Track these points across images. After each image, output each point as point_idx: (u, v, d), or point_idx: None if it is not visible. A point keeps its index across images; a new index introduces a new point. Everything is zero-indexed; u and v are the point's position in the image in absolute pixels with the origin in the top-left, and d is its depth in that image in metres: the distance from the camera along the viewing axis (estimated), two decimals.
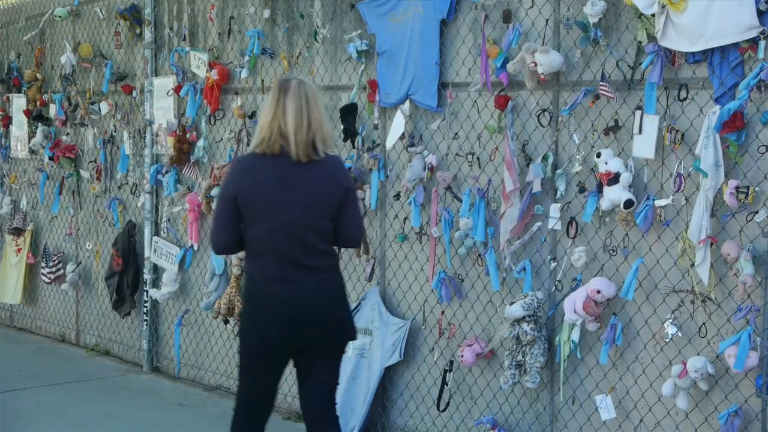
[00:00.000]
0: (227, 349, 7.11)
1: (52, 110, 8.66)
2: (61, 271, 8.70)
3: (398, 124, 5.65)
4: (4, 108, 9.37)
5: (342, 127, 6.00)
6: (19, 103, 9.11)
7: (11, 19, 9.44)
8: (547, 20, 5.00)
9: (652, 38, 4.53)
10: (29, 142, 8.92)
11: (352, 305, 5.97)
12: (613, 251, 4.79)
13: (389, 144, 5.74)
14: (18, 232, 9.18)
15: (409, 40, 5.60)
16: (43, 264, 8.86)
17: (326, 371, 4.42)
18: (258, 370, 4.36)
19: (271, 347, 4.30)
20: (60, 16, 8.49)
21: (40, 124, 8.77)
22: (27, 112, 8.91)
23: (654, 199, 4.56)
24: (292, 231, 4.22)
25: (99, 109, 8.10)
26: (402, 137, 5.70)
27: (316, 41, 6.25)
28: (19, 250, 9.20)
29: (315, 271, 4.28)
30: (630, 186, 4.62)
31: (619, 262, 4.77)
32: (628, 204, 4.59)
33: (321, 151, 4.25)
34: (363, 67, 5.93)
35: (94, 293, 8.44)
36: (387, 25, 5.74)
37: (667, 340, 4.56)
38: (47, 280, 8.80)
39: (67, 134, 8.56)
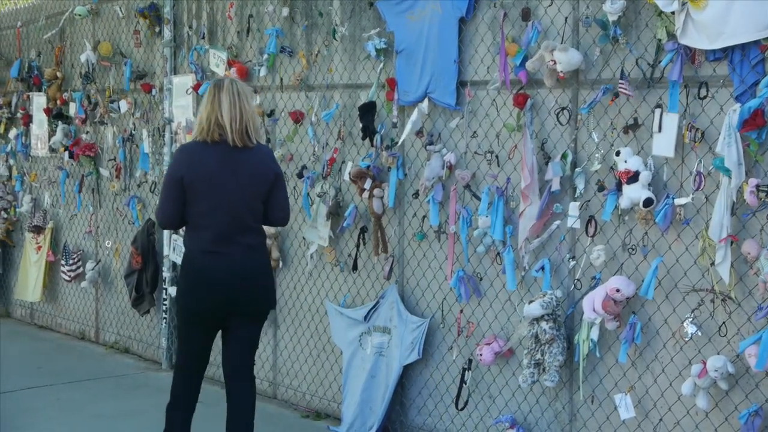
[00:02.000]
0: None
1: (72, 108, 8.70)
2: (81, 268, 8.75)
3: (414, 120, 5.64)
4: (25, 106, 9.42)
5: (361, 125, 6.00)
6: (39, 101, 9.15)
7: (31, 18, 9.49)
8: (566, 18, 4.98)
9: (671, 36, 4.51)
10: (49, 140, 8.97)
11: (371, 304, 6.01)
12: (633, 250, 4.77)
13: (402, 137, 5.72)
14: (38, 230, 9.23)
15: (428, 38, 5.60)
16: (63, 262, 8.90)
17: (248, 335, 5.08)
18: (192, 332, 5.02)
19: (203, 312, 4.93)
20: (80, 15, 8.53)
21: (60, 122, 8.82)
22: (47, 111, 8.95)
23: (674, 198, 4.54)
24: (230, 209, 4.86)
25: (118, 107, 8.13)
26: (420, 134, 5.69)
27: (335, 39, 6.26)
28: (39, 248, 9.25)
29: (245, 247, 4.91)
30: (649, 184, 4.60)
31: (639, 260, 4.75)
32: (648, 202, 4.57)
33: (253, 139, 4.91)
34: (382, 65, 5.92)
35: (114, 291, 8.48)
36: (405, 23, 5.73)
37: (687, 339, 4.54)
38: (67, 278, 8.85)
39: (87, 132, 8.60)
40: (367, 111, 5.98)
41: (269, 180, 4.96)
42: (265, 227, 5.01)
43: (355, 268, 6.19)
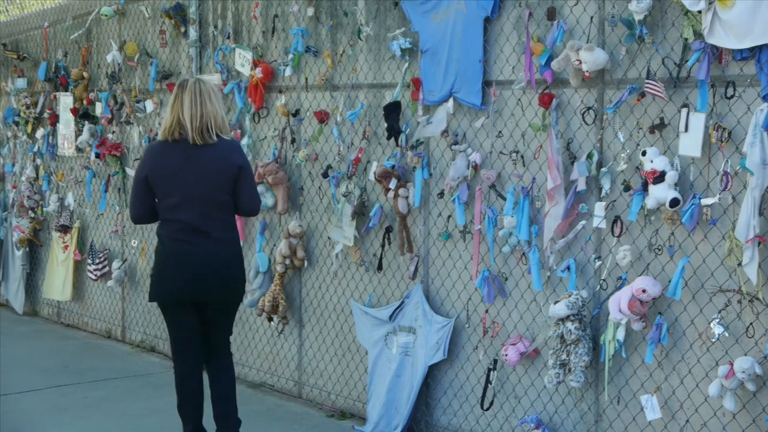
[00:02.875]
0: (271, 347, 7.14)
1: (99, 108, 8.75)
2: (107, 268, 8.80)
3: (440, 119, 5.63)
4: (52, 106, 9.48)
5: (386, 125, 6.00)
6: (66, 101, 9.21)
7: (58, 19, 9.54)
8: (591, 17, 4.97)
9: (698, 35, 4.48)
10: (76, 140, 9.02)
11: (396, 303, 6.01)
12: (659, 250, 4.75)
13: (426, 133, 5.71)
14: (65, 229, 9.29)
15: (453, 38, 5.59)
16: (89, 261, 8.96)
17: (220, 322, 5.41)
18: (175, 314, 5.30)
19: (178, 296, 5.23)
20: (106, 15, 8.57)
21: (86, 122, 8.87)
22: (74, 111, 9.01)
23: (700, 198, 4.51)
24: (195, 204, 5.14)
25: (144, 107, 8.17)
26: (445, 134, 5.69)
27: (360, 39, 6.26)
28: (66, 247, 9.31)
29: (212, 238, 5.18)
30: (676, 184, 4.57)
31: (665, 261, 4.73)
32: (674, 203, 4.54)
33: (214, 136, 5.15)
34: (407, 65, 5.92)
35: (140, 290, 8.52)
36: (430, 22, 5.73)
37: (714, 340, 4.51)
38: (93, 277, 8.90)
39: (113, 132, 8.64)
40: (392, 111, 5.98)
41: (232, 173, 5.20)
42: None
43: (380, 267, 6.19)
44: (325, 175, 6.48)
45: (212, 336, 5.40)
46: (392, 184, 5.91)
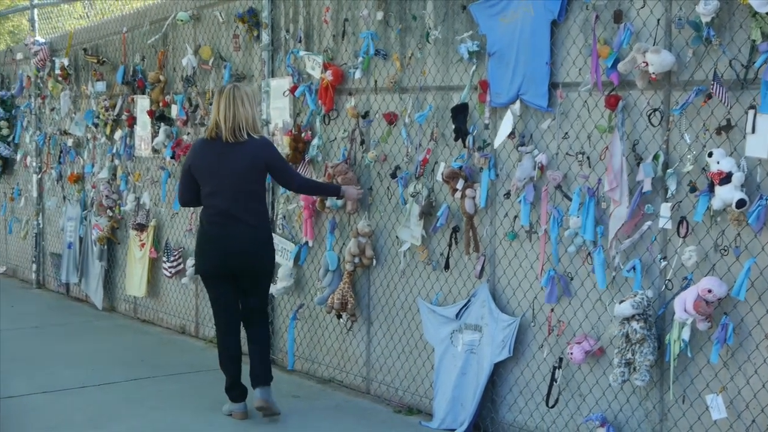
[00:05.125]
0: (340, 343, 7.25)
1: (174, 111, 8.93)
2: (182, 265, 8.98)
3: (506, 124, 5.70)
4: (130, 109, 9.70)
5: (453, 126, 6.08)
6: (143, 104, 9.42)
7: (136, 24, 9.76)
8: (658, 20, 5.00)
9: (766, 37, 4.49)
10: (152, 141, 9.22)
11: (463, 302, 6.08)
12: (725, 251, 4.76)
13: (497, 143, 5.79)
14: (141, 227, 9.51)
15: (520, 41, 5.65)
16: (164, 258, 9.16)
17: (254, 288, 6.38)
18: (212, 285, 6.35)
19: (212, 270, 6.28)
20: (182, 20, 8.75)
21: (162, 124, 9.06)
22: (150, 113, 9.21)
23: (767, 199, 4.52)
24: (226, 192, 6.11)
25: None
26: (512, 136, 5.75)
27: (428, 42, 6.34)
28: (142, 245, 9.53)
29: (241, 221, 6.13)
30: (742, 185, 4.58)
31: (731, 261, 4.74)
32: (741, 203, 4.55)
33: (245, 135, 6.09)
34: (474, 67, 5.99)
35: None
36: (498, 25, 5.79)
37: None
38: (168, 274, 9.09)
39: (188, 134, 8.83)
40: (460, 112, 6.05)
41: (260, 166, 6.15)
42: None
43: (447, 266, 6.27)
44: (393, 175, 6.58)
45: (246, 302, 6.34)
46: (459, 184, 5.99)
